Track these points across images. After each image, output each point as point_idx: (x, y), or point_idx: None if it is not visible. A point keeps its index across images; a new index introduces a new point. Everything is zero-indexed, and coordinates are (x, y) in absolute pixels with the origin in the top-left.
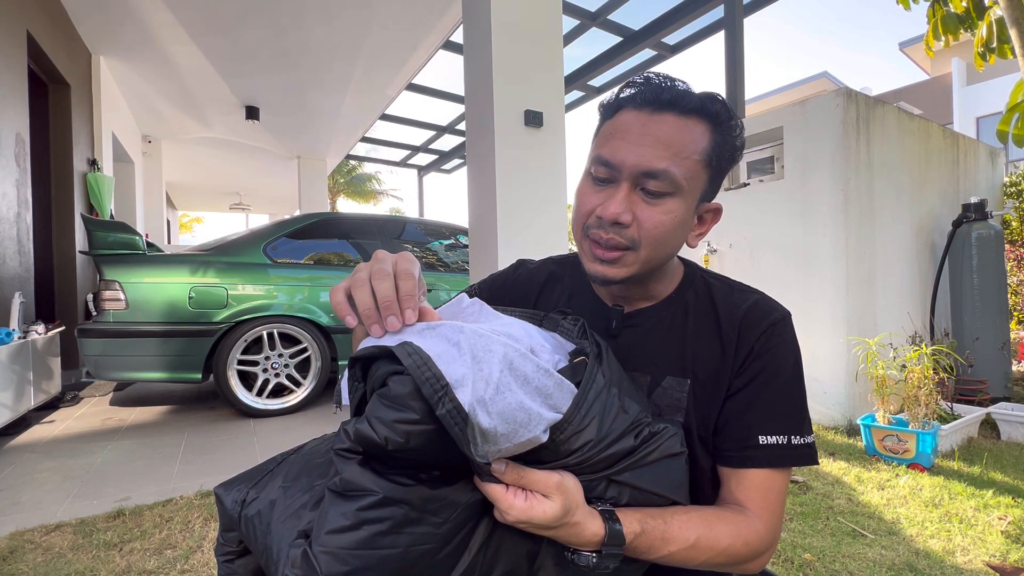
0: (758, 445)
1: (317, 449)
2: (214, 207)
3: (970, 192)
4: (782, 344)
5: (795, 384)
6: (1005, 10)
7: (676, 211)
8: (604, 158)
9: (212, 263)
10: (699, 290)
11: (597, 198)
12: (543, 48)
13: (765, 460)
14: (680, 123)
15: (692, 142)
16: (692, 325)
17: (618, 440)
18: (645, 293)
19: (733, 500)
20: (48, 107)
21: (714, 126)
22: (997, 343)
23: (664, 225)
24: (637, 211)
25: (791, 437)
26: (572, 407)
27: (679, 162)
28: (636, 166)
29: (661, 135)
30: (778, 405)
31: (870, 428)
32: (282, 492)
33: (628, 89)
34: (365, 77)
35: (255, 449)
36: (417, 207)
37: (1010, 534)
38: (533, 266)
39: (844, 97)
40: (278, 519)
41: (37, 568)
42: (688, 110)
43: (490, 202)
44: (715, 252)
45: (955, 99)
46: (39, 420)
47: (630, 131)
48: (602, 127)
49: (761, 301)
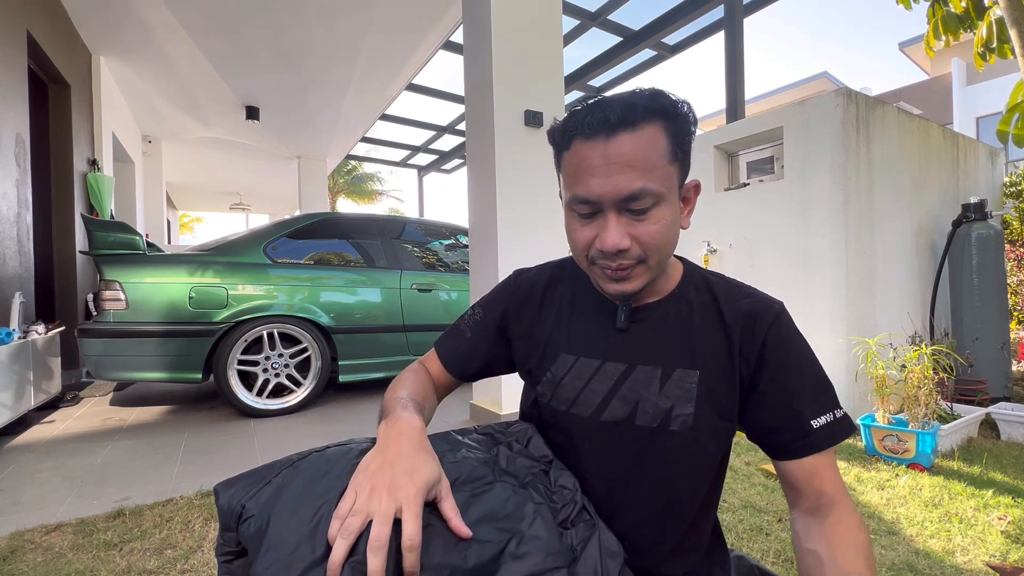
0: (813, 429)
1: (317, 466)
2: (214, 207)
3: (970, 192)
4: (793, 333)
5: (817, 365)
6: (1005, 10)
7: (666, 215)
8: (581, 197)
9: (212, 263)
10: (699, 285)
11: (589, 231)
12: (543, 48)
13: (825, 440)
14: (636, 137)
15: (653, 149)
16: (697, 319)
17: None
18: (650, 290)
19: (812, 491)
20: (48, 107)
21: (666, 121)
22: (997, 343)
23: (661, 234)
24: (632, 232)
25: (834, 412)
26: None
27: (650, 174)
28: (615, 195)
29: (624, 157)
30: (814, 387)
31: (870, 428)
32: (276, 512)
33: (574, 120)
34: (365, 77)
35: (255, 449)
36: (417, 207)
37: (1010, 534)
38: (532, 273)
39: (844, 97)
40: (276, 548)
41: (37, 568)
42: (637, 121)
43: (490, 202)
44: (715, 252)
45: (955, 99)
46: (39, 420)
47: (594, 164)
48: (562, 161)
49: (757, 295)
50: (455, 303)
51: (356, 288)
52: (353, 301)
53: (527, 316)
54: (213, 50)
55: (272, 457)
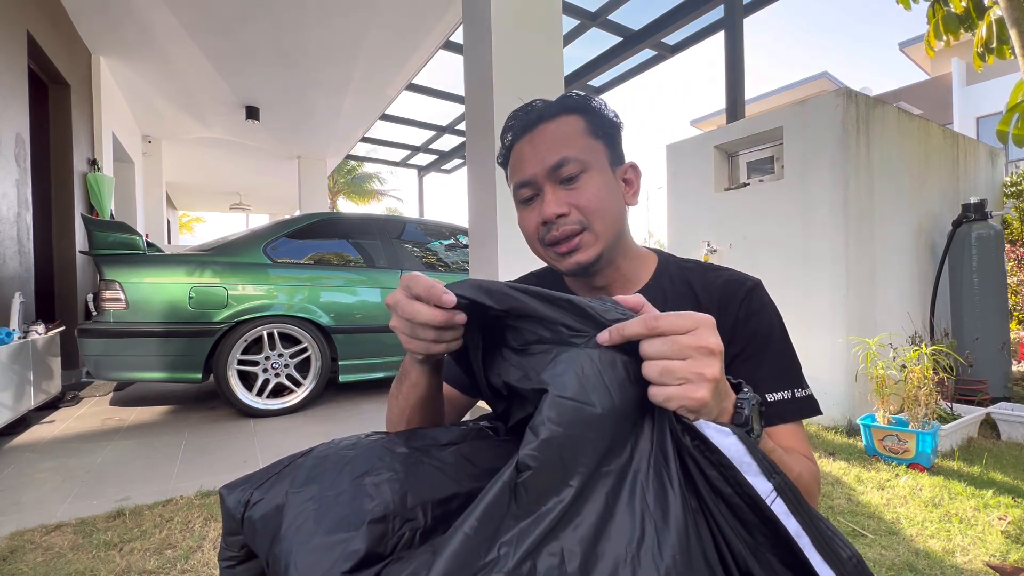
0: (766, 403)
1: (327, 453)
2: (214, 207)
3: (970, 192)
4: (763, 307)
5: (786, 342)
6: (1005, 10)
7: (596, 181)
8: (519, 181)
9: (212, 263)
10: (674, 275)
11: (534, 214)
12: (543, 48)
13: (777, 417)
14: (554, 124)
15: (571, 129)
16: (672, 307)
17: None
18: (621, 276)
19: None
20: (48, 107)
21: (581, 113)
22: (997, 343)
23: (595, 197)
24: (567, 199)
25: (794, 391)
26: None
27: (571, 145)
28: (543, 167)
29: (547, 138)
30: (776, 363)
31: (870, 428)
32: (291, 497)
33: (509, 133)
34: (365, 77)
35: (255, 449)
36: (417, 207)
37: (1010, 534)
38: (514, 283)
39: (844, 97)
40: (293, 529)
41: (37, 568)
42: (554, 114)
43: (490, 202)
44: (715, 252)
45: (955, 99)
46: (39, 420)
47: (526, 152)
48: (508, 170)
49: (733, 274)
50: None
51: (356, 288)
52: (353, 301)
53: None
54: (213, 50)
55: (272, 458)
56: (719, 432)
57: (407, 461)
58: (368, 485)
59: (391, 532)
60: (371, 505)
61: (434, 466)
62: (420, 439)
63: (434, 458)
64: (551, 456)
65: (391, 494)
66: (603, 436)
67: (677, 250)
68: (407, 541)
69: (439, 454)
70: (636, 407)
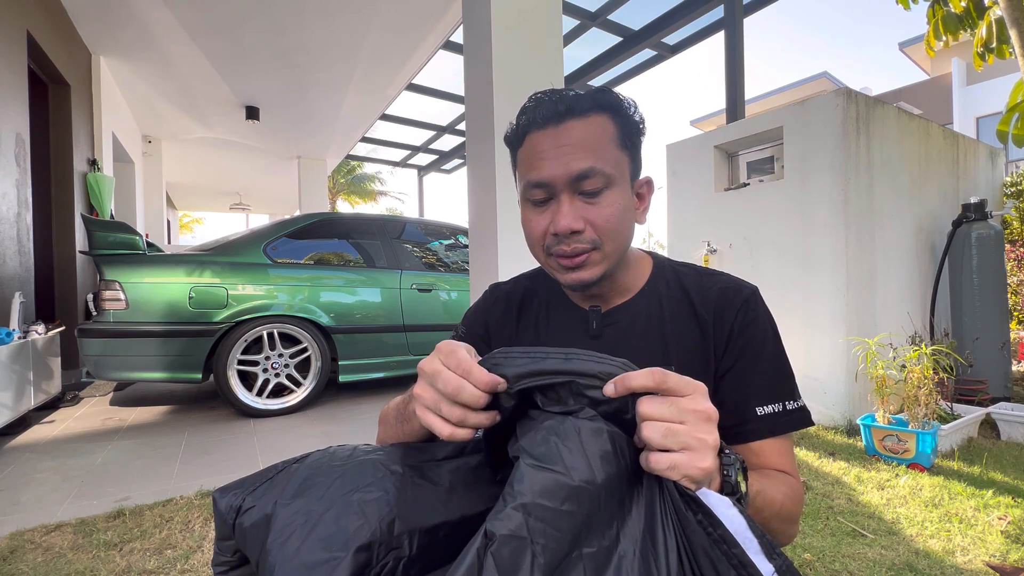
0: (756, 417)
1: (321, 463)
2: (214, 207)
3: (970, 192)
4: (758, 317)
5: (779, 353)
6: (1005, 10)
7: (618, 200)
8: (535, 180)
9: (212, 263)
10: (669, 279)
11: (544, 218)
12: (543, 48)
13: (767, 430)
14: (584, 123)
15: (602, 134)
16: (668, 313)
17: None
18: (618, 288)
19: (758, 468)
20: (48, 107)
21: (612, 114)
22: (997, 343)
23: (613, 217)
24: (585, 215)
25: (784, 404)
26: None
27: (600, 155)
28: (566, 174)
29: (574, 140)
30: (768, 376)
31: (870, 428)
32: (278, 509)
33: (525, 116)
34: (365, 77)
35: (255, 449)
36: (417, 207)
37: (1010, 534)
38: (508, 285)
39: (844, 97)
40: (278, 544)
41: (37, 568)
42: (585, 110)
43: (490, 202)
44: (715, 252)
45: (955, 99)
46: (39, 420)
47: (546, 149)
48: (517, 157)
49: (729, 281)
50: (455, 303)
51: (356, 288)
52: (353, 301)
53: (507, 329)
54: (213, 50)
55: (272, 458)
56: (721, 502)
57: (399, 482)
58: (357, 503)
59: (375, 561)
60: (357, 525)
61: (426, 489)
62: (417, 455)
63: (427, 479)
64: (517, 526)
65: (378, 518)
66: (579, 510)
67: (677, 250)
68: (390, 570)
69: (433, 474)
70: (622, 483)
